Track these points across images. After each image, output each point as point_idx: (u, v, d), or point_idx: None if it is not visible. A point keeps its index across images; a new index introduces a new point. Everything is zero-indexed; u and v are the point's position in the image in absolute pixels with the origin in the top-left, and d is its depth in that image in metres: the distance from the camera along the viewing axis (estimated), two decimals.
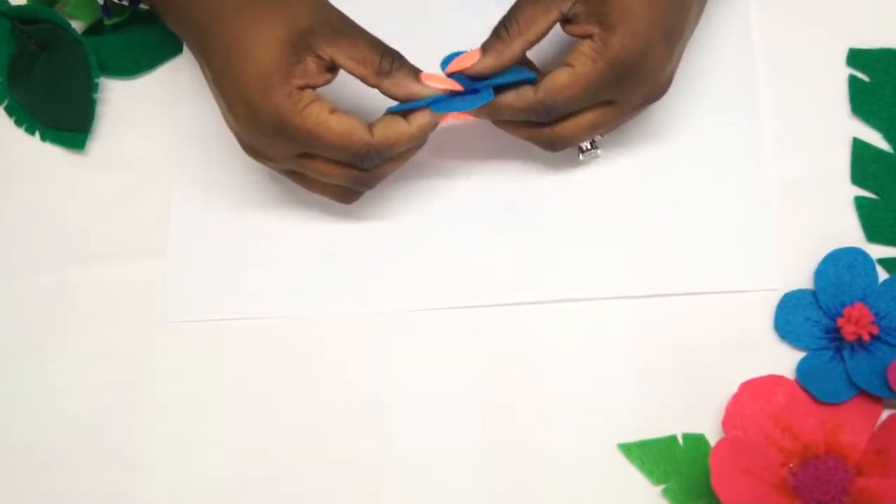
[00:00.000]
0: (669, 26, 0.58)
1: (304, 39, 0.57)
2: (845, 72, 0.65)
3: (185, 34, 0.62)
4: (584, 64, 0.57)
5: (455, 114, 0.59)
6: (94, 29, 0.72)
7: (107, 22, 0.71)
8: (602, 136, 0.63)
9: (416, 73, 0.59)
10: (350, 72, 0.58)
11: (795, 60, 0.66)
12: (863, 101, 0.64)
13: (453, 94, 0.59)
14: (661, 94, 0.60)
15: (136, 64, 0.72)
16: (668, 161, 0.65)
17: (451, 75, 0.59)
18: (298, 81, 0.57)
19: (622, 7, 0.56)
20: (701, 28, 0.60)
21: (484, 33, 0.59)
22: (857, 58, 0.65)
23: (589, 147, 0.64)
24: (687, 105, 0.65)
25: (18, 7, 0.72)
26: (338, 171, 0.60)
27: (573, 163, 0.65)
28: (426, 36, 0.60)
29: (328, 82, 0.59)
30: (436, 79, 0.59)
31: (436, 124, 0.59)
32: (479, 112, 0.60)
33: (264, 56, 0.57)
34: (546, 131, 0.60)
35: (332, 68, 0.59)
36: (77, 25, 0.72)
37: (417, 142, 0.60)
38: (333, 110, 0.58)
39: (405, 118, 0.59)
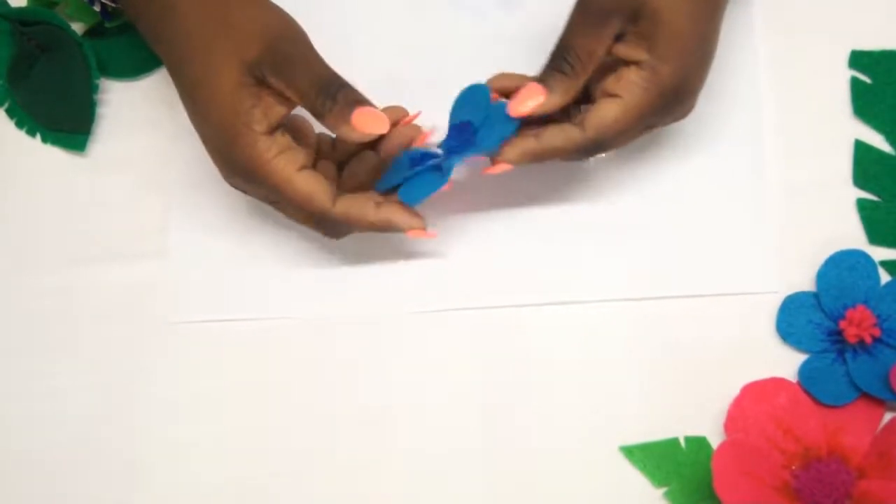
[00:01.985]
0: (708, 46, 0.57)
1: (254, 75, 0.57)
2: (847, 74, 0.65)
3: (157, 53, 0.62)
4: (635, 95, 0.56)
5: (494, 167, 0.58)
6: (94, 30, 0.72)
7: (107, 24, 0.71)
8: None
9: (351, 111, 0.56)
10: (297, 104, 0.57)
11: (797, 63, 0.66)
12: (865, 103, 0.64)
13: (418, 174, 0.58)
14: (689, 113, 0.60)
15: (136, 65, 0.72)
16: (670, 163, 0.65)
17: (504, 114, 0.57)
18: (260, 127, 0.57)
19: (672, 32, 0.55)
20: None
21: (483, 33, 0.58)
22: (859, 60, 0.65)
23: None
24: None
25: (18, 8, 0.72)
26: (305, 222, 0.60)
27: (576, 165, 0.65)
28: (425, 35, 0.60)
29: (294, 107, 0.58)
30: (369, 119, 0.56)
31: (403, 230, 0.58)
32: (521, 162, 0.58)
33: (224, 103, 0.57)
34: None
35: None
36: (77, 27, 0.72)
37: (379, 231, 0.59)
38: (303, 167, 0.58)
39: (378, 205, 0.58)
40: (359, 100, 0.57)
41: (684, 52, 0.56)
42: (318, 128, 0.59)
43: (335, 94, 0.56)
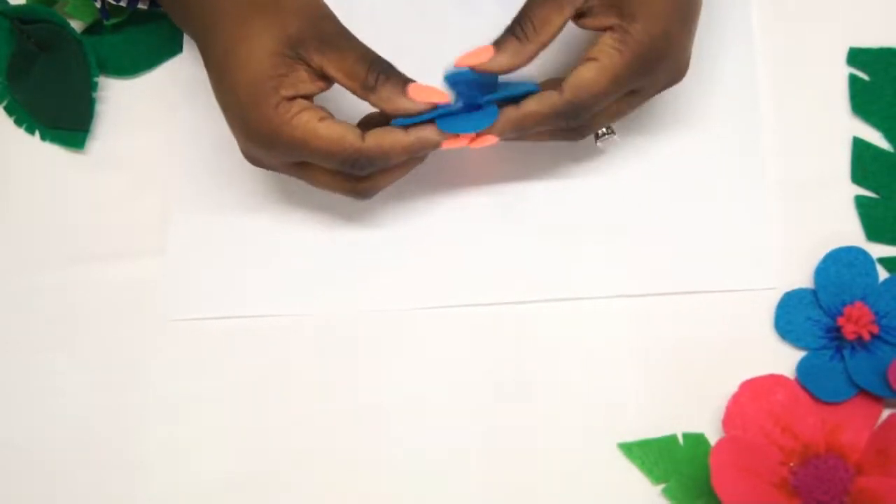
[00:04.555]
0: (685, 5, 0.57)
1: (294, 50, 0.57)
2: (845, 71, 0.65)
3: (187, 33, 0.62)
4: (610, 56, 0.56)
5: (479, 140, 0.58)
6: (93, 28, 0.72)
7: (106, 22, 0.71)
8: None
9: (404, 85, 0.58)
10: (339, 83, 0.58)
11: (795, 59, 0.66)
12: (863, 100, 0.64)
13: (456, 112, 0.58)
14: (682, 76, 0.60)
15: (135, 63, 0.72)
16: (668, 159, 0.65)
17: (453, 83, 0.58)
18: (287, 92, 0.57)
19: None
20: (701, 26, 0.60)
21: (483, 32, 0.58)
22: (857, 57, 0.65)
23: (605, 132, 0.63)
24: (687, 104, 0.65)
25: (18, 7, 0.72)
26: (332, 181, 0.60)
27: (574, 160, 0.65)
28: (425, 34, 0.60)
29: (322, 90, 0.59)
30: (425, 91, 0.58)
31: (438, 143, 0.58)
32: (504, 132, 0.58)
33: (256, 68, 0.57)
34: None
35: (324, 76, 0.58)
36: (76, 25, 0.72)
37: (413, 153, 0.59)
38: (324, 118, 0.58)
39: (406, 129, 0.58)
40: (405, 77, 0.58)
41: (657, 14, 0.56)
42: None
43: (387, 70, 0.57)
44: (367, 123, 0.60)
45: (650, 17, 0.56)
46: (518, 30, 0.57)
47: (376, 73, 0.57)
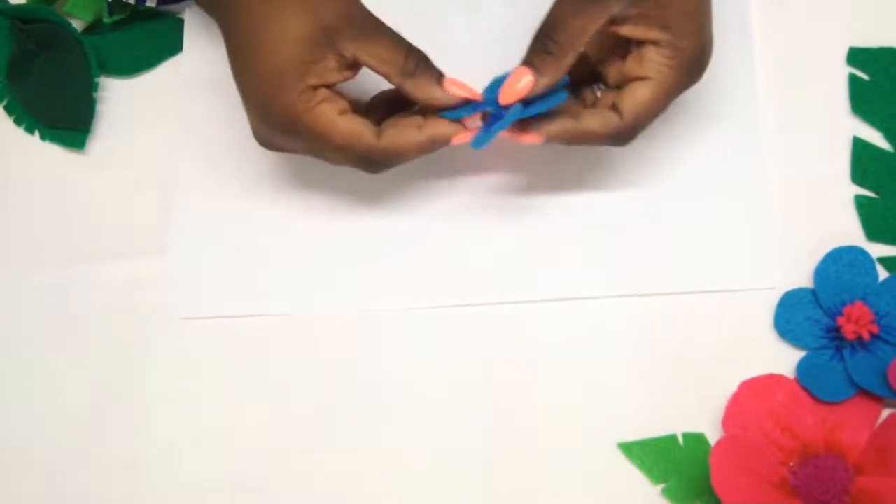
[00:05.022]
0: (709, 8, 0.57)
1: (327, 37, 0.56)
2: (845, 70, 0.65)
3: (212, 16, 0.61)
4: (663, 73, 0.56)
5: (524, 136, 0.57)
6: (93, 28, 0.72)
7: (106, 20, 0.71)
8: None
9: (439, 76, 0.57)
10: (374, 69, 0.57)
11: (795, 59, 0.66)
12: (863, 99, 0.64)
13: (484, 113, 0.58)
14: (703, 74, 0.59)
15: (135, 63, 0.72)
16: (668, 160, 0.65)
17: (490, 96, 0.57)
18: (313, 81, 0.57)
19: (682, 8, 0.55)
20: None
21: (483, 31, 0.58)
22: (857, 57, 0.65)
23: None
24: (687, 103, 0.65)
25: (18, 6, 0.72)
26: (347, 162, 0.59)
27: (575, 161, 0.65)
28: (425, 34, 0.60)
29: (347, 79, 0.58)
30: (459, 85, 0.57)
31: (450, 138, 0.58)
32: (554, 140, 0.57)
33: (283, 53, 0.56)
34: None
35: (353, 66, 0.58)
36: (76, 24, 0.72)
37: (427, 152, 0.58)
38: (344, 111, 0.58)
39: (419, 127, 0.58)
40: (438, 70, 0.58)
41: (696, 23, 0.56)
42: None
43: (424, 59, 0.57)
44: (372, 107, 0.61)
45: (695, 30, 0.56)
46: (551, 44, 0.56)
47: (415, 60, 0.57)
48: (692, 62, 0.56)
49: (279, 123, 0.58)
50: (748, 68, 0.66)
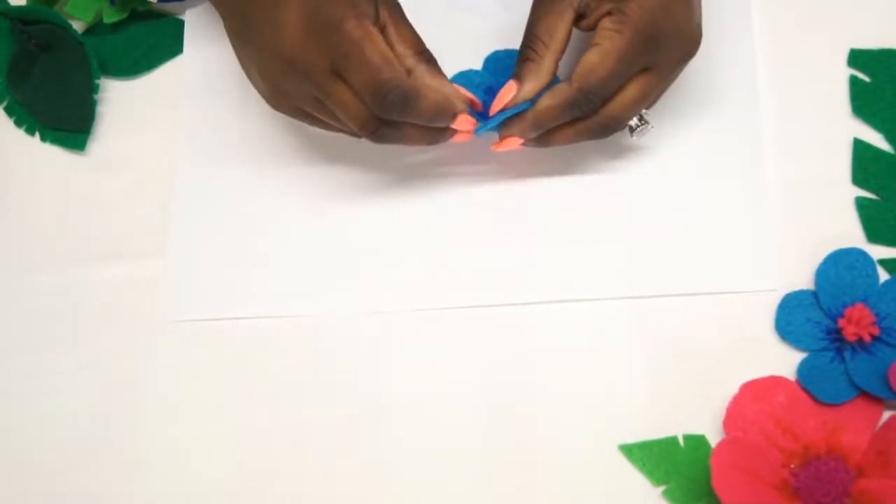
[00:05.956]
0: None
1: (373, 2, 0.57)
2: (846, 72, 0.65)
3: None
4: (610, 38, 0.57)
5: (504, 143, 0.61)
6: (94, 29, 0.73)
7: (105, 20, 0.71)
8: (648, 108, 0.61)
9: (443, 74, 0.59)
10: (396, 44, 0.59)
11: (796, 61, 0.66)
12: (864, 101, 0.64)
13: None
14: (696, 49, 0.60)
15: (136, 64, 0.72)
16: (669, 161, 0.65)
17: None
18: (364, 7, 0.57)
19: None
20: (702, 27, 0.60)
21: (482, 31, 0.58)
22: (857, 58, 0.65)
23: (639, 123, 0.62)
24: (688, 105, 0.65)
25: (18, 7, 0.72)
26: (355, 108, 0.58)
27: (574, 162, 0.65)
28: (423, 35, 0.60)
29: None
30: (461, 89, 0.60)
31: (455, 114, 0.59)
32: (525, 133, 0.60)
33: None
34: (594, 119, 0.60)
35: (382, 30, 0.58)
36: (77, 25, 0.72)
37: (437, 114, 0.58)
38: (385, 42, 0.58)
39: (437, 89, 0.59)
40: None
41: None
42: None
43: (429, 57, 0.59)
44: None
45: None
46: (530, 52, 0.58)
47: (429, 53, 0.59)
48: (642, 25, 0.57)
49: (322, 24, 0.56)
50: (749, 70, 0.66)
